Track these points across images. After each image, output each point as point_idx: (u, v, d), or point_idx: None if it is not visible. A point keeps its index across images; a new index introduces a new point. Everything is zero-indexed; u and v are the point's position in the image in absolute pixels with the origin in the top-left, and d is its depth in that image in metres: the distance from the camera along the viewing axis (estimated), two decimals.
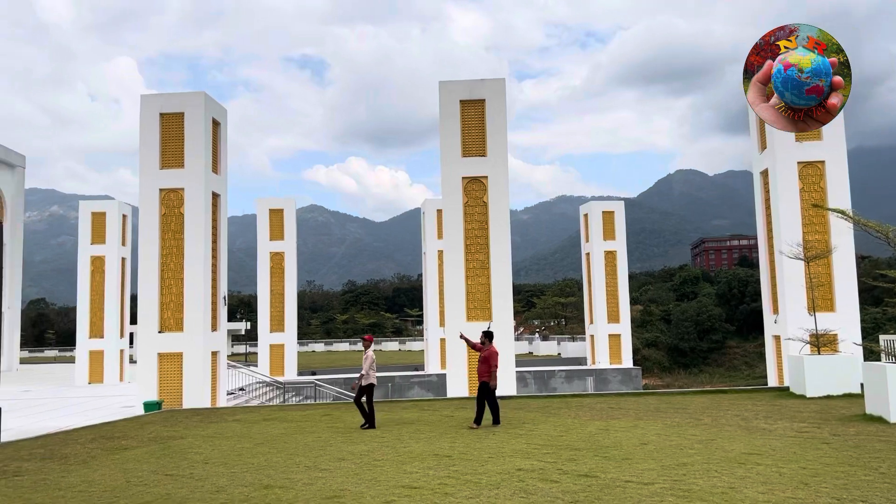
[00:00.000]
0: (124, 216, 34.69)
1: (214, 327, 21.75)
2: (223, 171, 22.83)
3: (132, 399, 21.78)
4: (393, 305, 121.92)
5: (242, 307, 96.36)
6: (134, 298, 25.24)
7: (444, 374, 24.20)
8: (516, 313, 73.93)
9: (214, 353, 21.56)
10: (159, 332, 20.95)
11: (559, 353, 60.77)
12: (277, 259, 37.68)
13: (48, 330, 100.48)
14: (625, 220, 43.20)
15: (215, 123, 22.44)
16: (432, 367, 38.88)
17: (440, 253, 36.78)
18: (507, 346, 21.95)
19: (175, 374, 20.73)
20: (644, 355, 68.75)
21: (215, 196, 22.24)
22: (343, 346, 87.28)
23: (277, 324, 37.29)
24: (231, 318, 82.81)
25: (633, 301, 72.67)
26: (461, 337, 15.05)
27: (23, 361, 54.40)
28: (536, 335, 78.14)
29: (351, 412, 16.87)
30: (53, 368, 48.69)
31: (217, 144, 22.55)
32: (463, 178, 22.31)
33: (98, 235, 33.45)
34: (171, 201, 21.36)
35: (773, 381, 23.57)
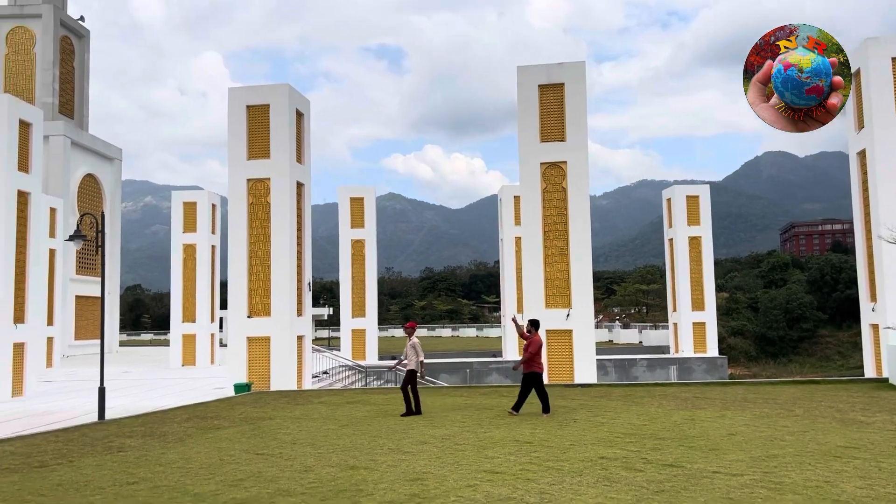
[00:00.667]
0: (214, 205, 36.10)
1: (300, 312, 22.42)
2: (307, 161, 23.42)
3: (223, 381, 22.77)
4: (470, 292, 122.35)
5: (325, 293, 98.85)
6: (224, 284, 26.29)
7: None
8: (596, 301, 72.93)
9: (300, 338, 22.24)
10: (248, 317, 21.76)
11: (640, 342, 59.59)
12: (358, 246, 38.44)
13: (144, 314, 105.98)
14: (710, 204, 41.82)
15: (299, 114, 23.01)
16: (510, 353, 38.89)
17: (517, 240, 36.64)
18: (588, 334, 21.70)
19: (263, 357, 21.51)
20: (730, 344, 66.56)
21: (300, 185, 22.85)
22: (421, 332, 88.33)
23: (359, 309, 38.09)
24: (315, 303, 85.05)
25: (719, 288, 70.33)
26: (512, 320, 15.05)
27: (121, 344, 57.64)
28: (617, 323, 76.85)
29: (431, 397, 17.10)
30: (149, 351, 51.39)
31: (301, 135, 23.13)
32: (541, 163, 22.11)
33: (189, 224, 34.96)
34: (258, 191, 22.07)
35: (870, 373, 22.43)
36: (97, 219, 18.00)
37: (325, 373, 26.56)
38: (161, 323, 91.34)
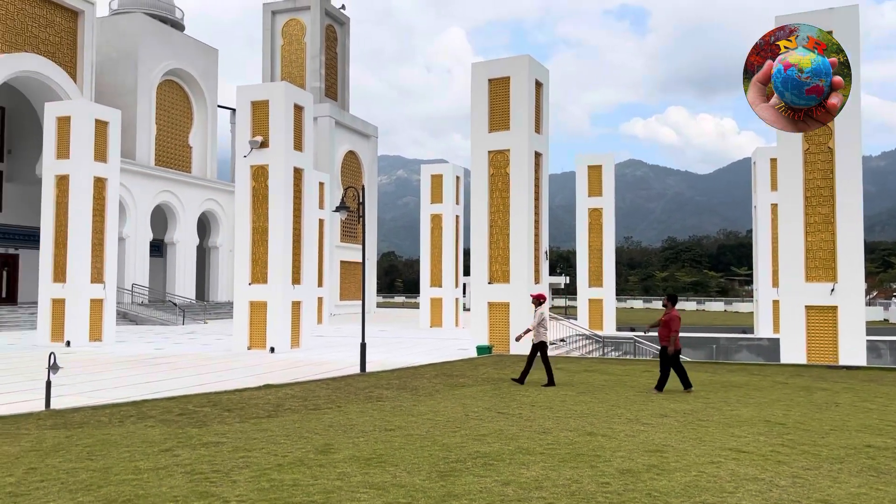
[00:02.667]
0: (458, 178, 37.87)
1: (537, 280, 22.87)
2: (545, 131, 23.60)
3: (466, 343, 24.07)
4: (717, 263, 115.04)
5: (562, 262, 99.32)
6: (467, 252, 27.59)
7: (777, 339, 22.33)
8: (868, 274, 64.65)
9: None
10: (489, 283, 22.69)
11: None
12: (595, 215, 37.96)
13: (397, 279, 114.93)
14: None
15: (538, 84, 23.21)
16: (763, 330, 36.05)
17: (774, 207, 33.60)
18: (856, 311, 19.43)
19: (503, 322, 22.34)
20: None
21: (538, 155, 23.14)
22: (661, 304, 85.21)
23: (596, 279, 37.76)
24: (551, 272, 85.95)
25: None
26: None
27: (378, 305, 63.22)
28: (893, 300, 67.50)
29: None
30: (402, 312, 55.77)
31: (539, 105, 23.34)
32: None
33: (436, 195, 37.07)
34: (499, 162, 22.76)
35: None
36: (358, 192, 19.88)
37: (563, 340, 26.86)
38: (411, 287, 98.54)
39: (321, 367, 18.46)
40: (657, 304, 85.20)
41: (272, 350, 22.49)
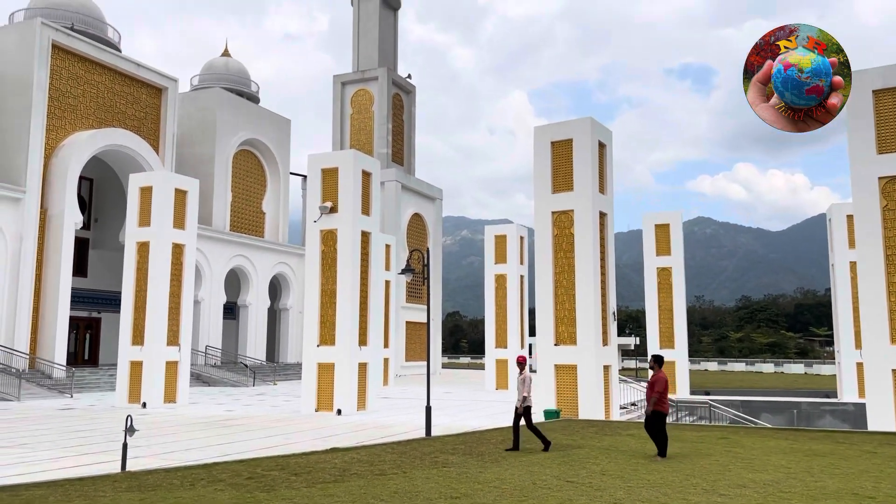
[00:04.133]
0: (521, 237, 37.95)
1: (605, 342, 22.44)
2: (609, 191, 23.53)
3: (534, 407, 23.60)
4: (795, 324, 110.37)
5: (631, 322, 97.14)
6: (532, 312, 27.38)
7: (863, 404, 21.11)
8: None
9: (606, 367, 22.22)
10: (555, 344, 22.38)
11: None
12: (664, 274, 37.21)
13: (462, 339, 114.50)
14: None
15: (601, 146, 23.29)
16: (848, 394, 34.12)
17: (853, 265, 32.26)
18: None
19: (570, 385, 21.90)
20: None
21: (602, 215, 23.03)
22: (739, 366, 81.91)
23: (667, 340, 36.73)
24: (620, 332, 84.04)
25: None
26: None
27: (443, 366, 62.96)
28: None
29: (750, 438, 15.83)
30: (467, 373, 55.35)
31: (603, 165, 23.36)
32: (880, 178, 19.33)
33: (500, 256, 37.17)
34: (562, 222, 22.74)
35: None
36: (423, 253, 20.15)
37: (633, 404, 26.06)
38: (476, 347, 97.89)
39: (387, 430, 18.42)
40: (734, 366, 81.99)
41: (339, 412, 22.62)
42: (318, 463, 12.06)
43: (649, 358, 13.57)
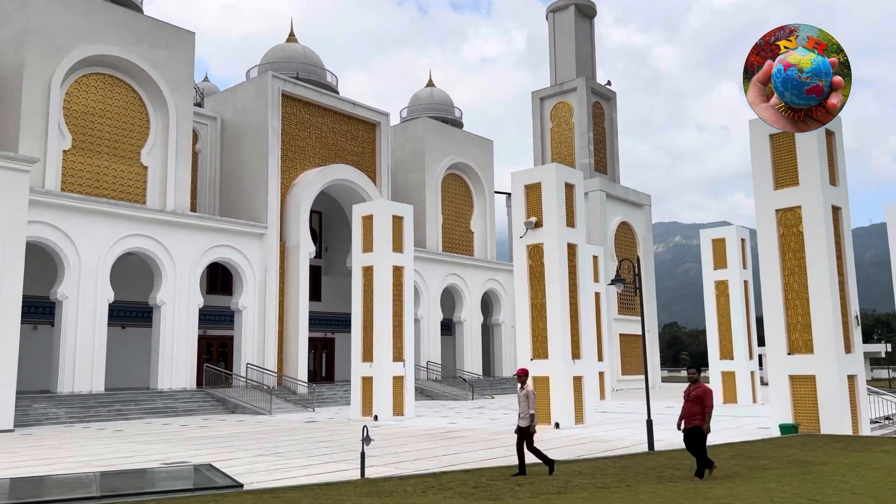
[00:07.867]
0: (742, 240, 35.46)
1: (848, 349, 20.21)
2: (842, 182, 21.30)
3: (766, 420, 21.87)
4: None
5: (879, 326, 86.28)
6: (759, 320, 25.45)
7: None
8: None
9: (851, 377, 20.00)
10: (788, 354, 20.59)
11: None
12: None
13: (682, 351, 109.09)
14: None
15: (829, 134, 21.18)
16: None
17: None
18: None
19: (809, 397, 19.98)
20: None
21: (835, 209, 20.88)
22: None
23: None
24: (866, 339, 75.01)
25: None
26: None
27: (663, 380, 60.34)
28: None
29: None
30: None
31: (833, 154, 21.23)
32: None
33: (720, 261, 34.97)
34: (789, 220, 20.95)
35: None
36: (633, 262, 19.65)
37: (888, 419, 23.14)
38: (698, 360, 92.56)
39: (606, 443, 18.12)
40: None
41: (556, 426, 22.64)
42: (541, 474, 12.19)
43: (688, 368, 11.98)
